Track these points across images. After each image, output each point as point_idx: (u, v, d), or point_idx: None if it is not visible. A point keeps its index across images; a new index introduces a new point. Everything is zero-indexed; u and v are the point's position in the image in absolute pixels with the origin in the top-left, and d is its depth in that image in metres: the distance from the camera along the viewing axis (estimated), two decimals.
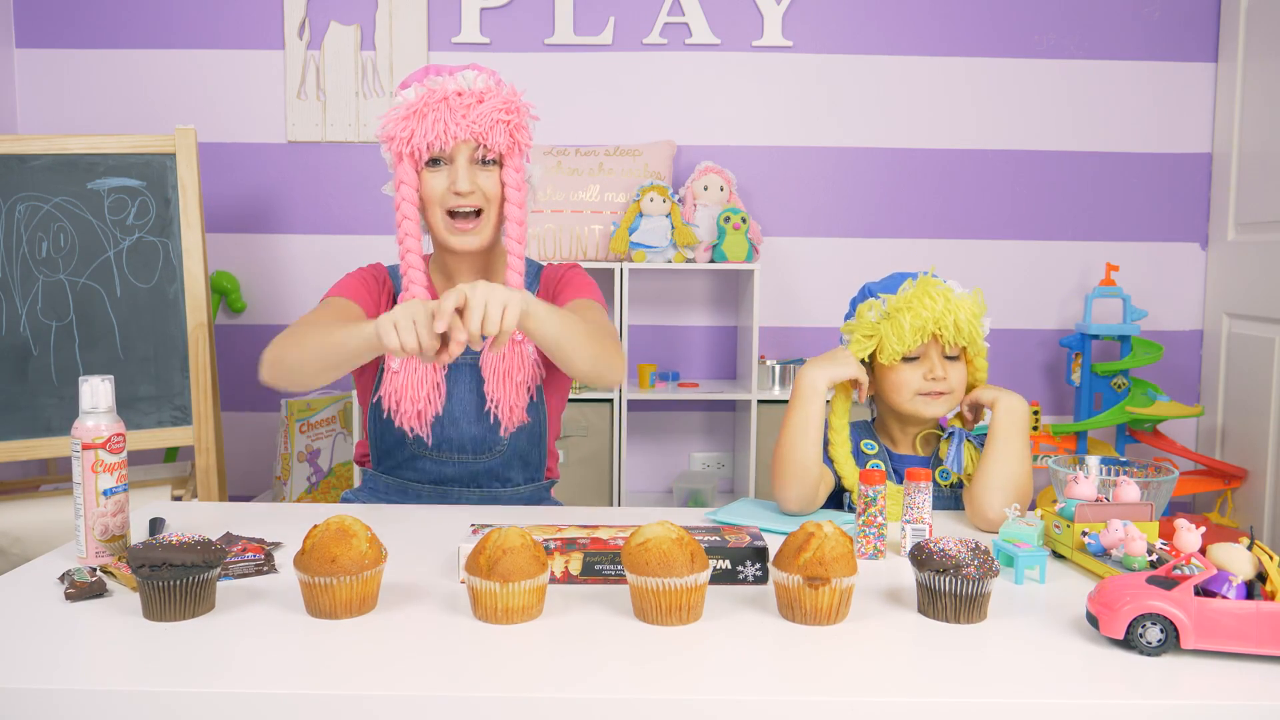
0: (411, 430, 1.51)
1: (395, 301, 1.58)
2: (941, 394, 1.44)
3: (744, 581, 1.13)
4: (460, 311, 1.22)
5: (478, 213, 1.49)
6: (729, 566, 1.13)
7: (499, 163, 1.49)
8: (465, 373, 1.54)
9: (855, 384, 1.47)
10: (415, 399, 1.48)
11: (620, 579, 1.12)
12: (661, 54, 2.91)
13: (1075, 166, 2.94)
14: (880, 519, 1.23)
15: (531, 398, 1.54)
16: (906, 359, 1.44)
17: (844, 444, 1.46)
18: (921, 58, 2.92)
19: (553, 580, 1.12)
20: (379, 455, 1.58)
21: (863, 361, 1.46)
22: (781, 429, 1.41)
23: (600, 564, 1.12)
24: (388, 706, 0.84)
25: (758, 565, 1.13)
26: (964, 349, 1.45)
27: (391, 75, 2.89)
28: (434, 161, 1.47)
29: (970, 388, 1.49)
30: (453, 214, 1.48)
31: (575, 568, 1.12)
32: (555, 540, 1.15)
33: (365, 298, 1.55)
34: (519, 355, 1.50)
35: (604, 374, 1.40)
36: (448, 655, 0.92)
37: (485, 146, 1.46)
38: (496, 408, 1.51)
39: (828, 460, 1.46)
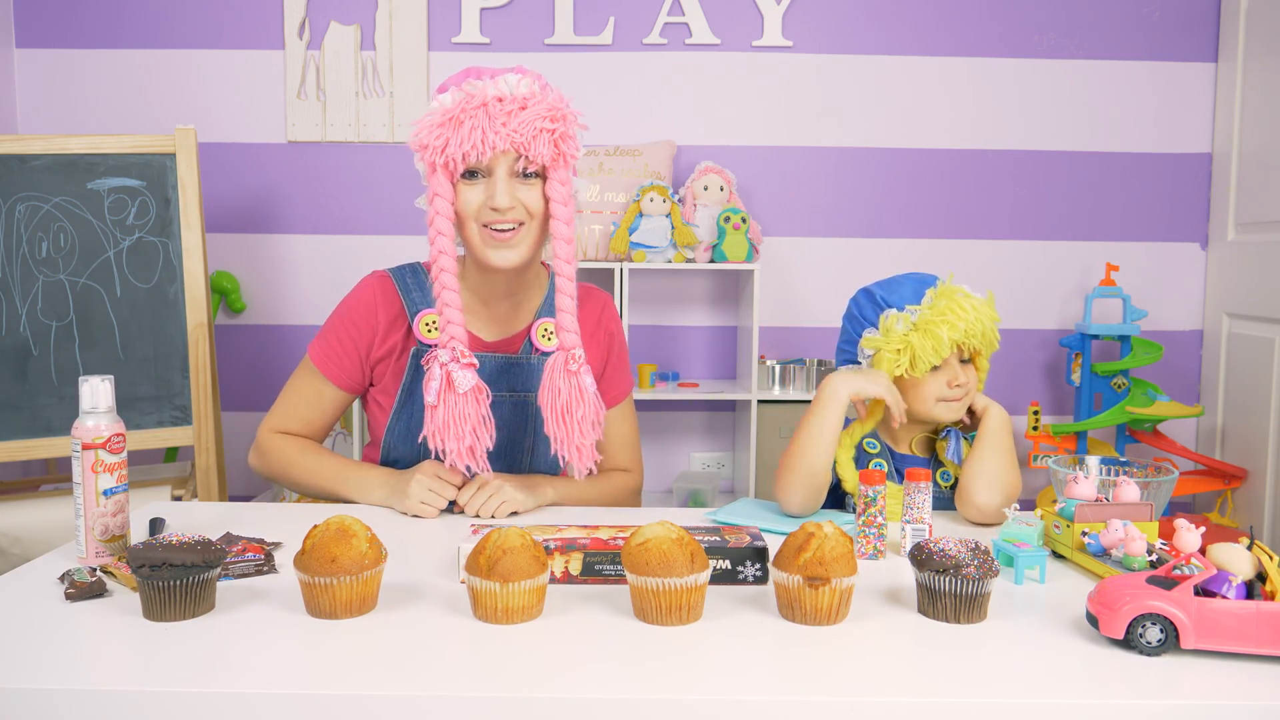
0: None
1: (406, 324, 1.49)
2: (960, 398, 1.45)
3: (744, 581, 1.13)
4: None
5: (518, 225, 1.38)
6: (729, 566, 1.13)
7: (541, 175, 1.37)
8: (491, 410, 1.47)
9: (885, 408, 1.45)
10: (461, 435, 1.35)
11: (620, 579, 1.12)
12: (661, 54, 2.91)
13: (1075, 166, 2.94)
14: (880, 519, 1.23)
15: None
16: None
17: (849, 449, 1.46)
18: (921, 58, 2.92)
19: (553, 580, 1.12)
20: None
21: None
22: (796, 431, 1.40)
23: (600, 564, 1.12)
24: (388, 706, 0.84)
25: (758, 565, 1.13)
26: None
27: (391, 75, 2.89)
28: (470, 173, 1.36)
29: None
30: (487, 225, 1.38)
31: (575, 568, 1.12)
32: (555, 540, 1.15)
33: (344, 370, 1.50)
34: (575, 387, 1.37)
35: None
36: (448, 655, 0.92)
37: (526, 158, 1.34)
38: (564, 447, 1.38)
39: None
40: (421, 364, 1.44)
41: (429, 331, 1.47)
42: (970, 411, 1.49)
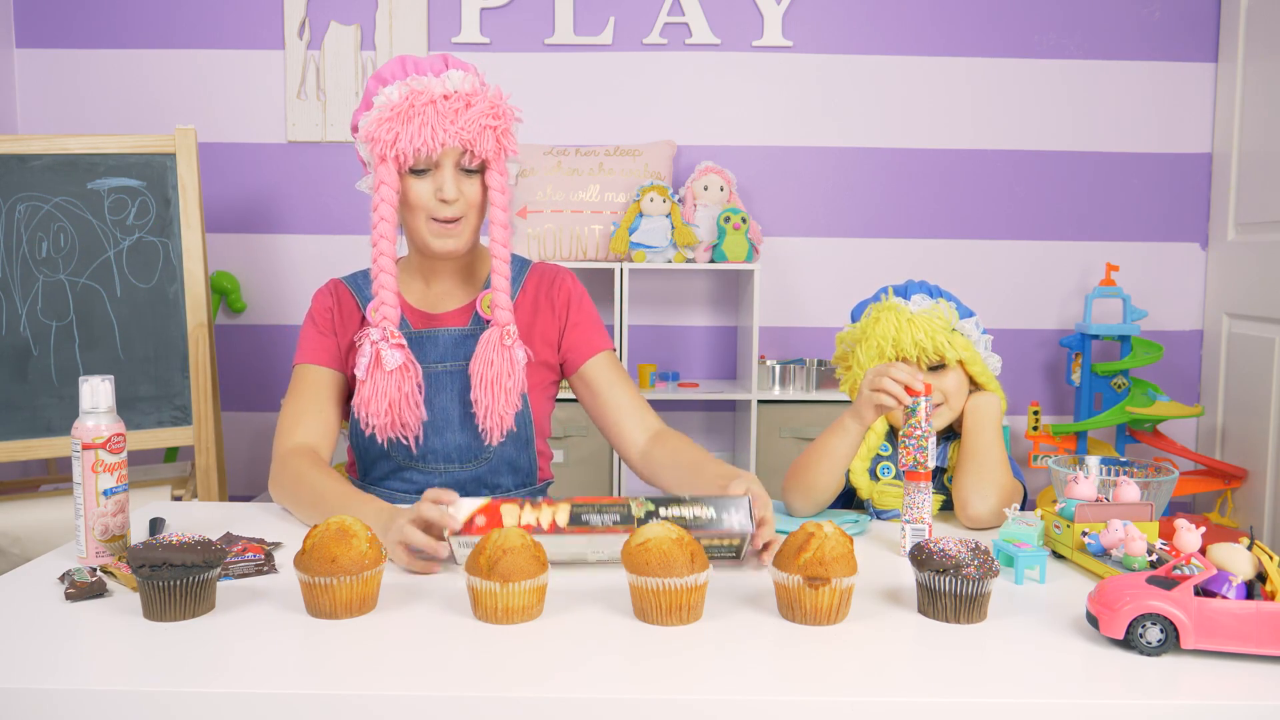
0: (388, 441, 1.45)
1: (362, 318, 1.52)
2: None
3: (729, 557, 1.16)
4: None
5: (460, 217, 1.46)
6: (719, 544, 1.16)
7: (482, 167, 1.45)
8: (447, 380, 1.51)
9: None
10: (394, 407, 1.42)
11: (611, 529, 1.13)
12: (661, 54, 2.91)
13: (1075, 166, 2.94)
14: (919, 430, 1.23)
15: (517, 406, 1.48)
16: None
17: (865, 459, 1.45)
18: (921, 58, 2.92)
19: (540, 532, 1.12)
20: (365, 468, 1.56)
21: None
22: (810, 445, 1.42)
23: (587, 514, 1.13)
24: (388, 706, 0.84)
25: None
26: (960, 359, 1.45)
27: None
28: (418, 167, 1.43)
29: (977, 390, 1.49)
30: (433, 217, 1.45)
31: (562, 519, 1.13)
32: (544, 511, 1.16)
33: (327, 351, 1.53)
34: (508, 360, 1.46)
35: None
36: (448, 655, 0.92)
37: (471, 153, 1.41)
38: (487, 415, 1.45)
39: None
40: (354, 340, 1.50)
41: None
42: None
